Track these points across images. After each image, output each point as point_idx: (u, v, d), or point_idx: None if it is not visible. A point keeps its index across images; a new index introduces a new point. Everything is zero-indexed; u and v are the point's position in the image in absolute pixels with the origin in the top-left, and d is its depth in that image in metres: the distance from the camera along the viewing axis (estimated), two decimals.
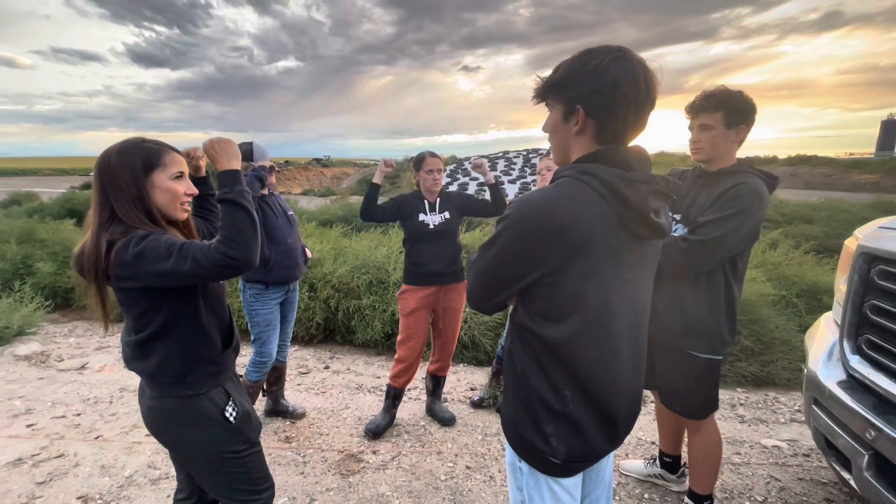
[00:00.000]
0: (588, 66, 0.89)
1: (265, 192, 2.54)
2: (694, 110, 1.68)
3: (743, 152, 1.73)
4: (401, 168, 32.80)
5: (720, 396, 3.17)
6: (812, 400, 1.81)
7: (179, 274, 1.07)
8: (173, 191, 1.21)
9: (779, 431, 2.79)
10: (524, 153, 37.96)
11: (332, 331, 4.28)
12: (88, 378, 3.42)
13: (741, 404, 3.14)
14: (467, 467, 2.37)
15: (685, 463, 2.18)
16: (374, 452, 2.49)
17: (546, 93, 0.98)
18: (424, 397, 3.13)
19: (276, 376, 2.81)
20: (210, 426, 1.25)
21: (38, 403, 3.01)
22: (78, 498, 2.11)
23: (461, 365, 3.82)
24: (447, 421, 2.78)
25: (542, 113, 1.03)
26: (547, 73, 0.98)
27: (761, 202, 1.59)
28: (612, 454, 1.12)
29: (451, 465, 2.39)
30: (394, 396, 2.72)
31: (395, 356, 2.65)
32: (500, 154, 38.61)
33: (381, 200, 2.59)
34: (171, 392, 1.22)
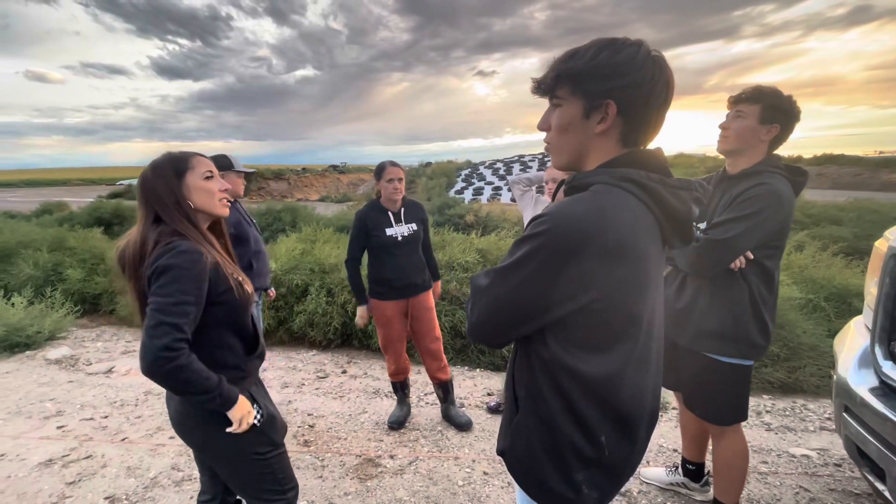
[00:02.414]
0: (620, 57, 0.78)
1: (241, 195, 2.70)
2: (736, 100, 1.64)
3: None
4: (415, 173, 33.05)
5: None
6: (842, 407, 1.75)
7: (158, 318, 1.12)
8: (208, 189, 1.29)
9: (808, 440, 2.69)
10: (539, 156, 37.79)
11: (350, 335, 4.32)
12: (115, 381, 3.53)
13: (767, 411, 3.04)
14: (485, 473, 2.36)
15: (709, 471, 2.13)
16: (392, 457, 2.50)
17: (561, 83, 0.83)
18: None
19: None
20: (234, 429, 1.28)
21: (68, 406, 3.11)
22: (105, 498, 2.17)
23: (478, 370, 3.81)
24: (464, 426, 2.77)
25: None
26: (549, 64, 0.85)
27: (780, 204, 1.53)
28: None
29: (468, 470, 2.38)
30: (401, 388, 2.88)
31: (385, 358, 2.81)
32: (516, 158, 38.54)
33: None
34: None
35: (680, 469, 2.19)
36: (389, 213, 2.58)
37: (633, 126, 0.82)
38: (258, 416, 1.31)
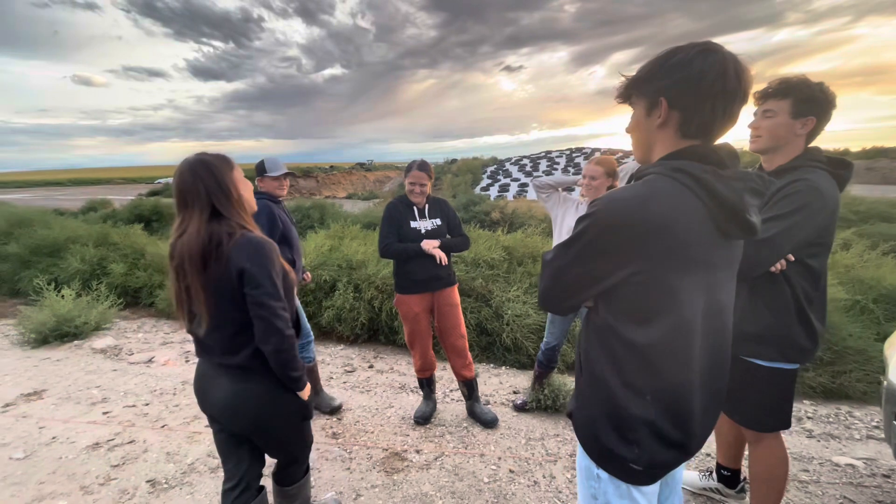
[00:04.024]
0: (673, 60, 0.90)
1: (282, 195, 2.79)
2: (762, 96, 1.57)
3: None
4: (440, 171, 33.12)
5: None
6: (893, 415, 1.65)
7: (276, 306, 1.35)
8: (247, 183, 1.45)
9: (853, 449, 2.56)
10: (567, 152, 37.20)
11: (376, 331, 4.37)
12: (155, 371, 3.69)
13: (809, 417, 2.91)
14: (511, 471, 2.35)
15: (745, 478, 2.05)
16: (418, 452, 2.52)
17: (630, 90, 0.98)
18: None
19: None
20: (289, 398, 1.49)
21: (112, 393, 3.28)
22: (147, 481, 2.28)
23: (503, 368, 3.80)
24: (490, 423, 2.77)
25: (590, 111, 1.03)
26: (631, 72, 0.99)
27: (822, 200, 1.45)
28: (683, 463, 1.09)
29: (494, 467, 2.38)
30: (427, 384, 2.90)
31: (411, 354, 2.83)
32: (543, 154, 38.03)
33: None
34: (258, 378, 1.43)
35: (714, 474, 2.12)
36: (414, 208, 2.63)
37: (689, 118, 0.90)
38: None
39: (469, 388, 2.85)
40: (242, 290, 1.33)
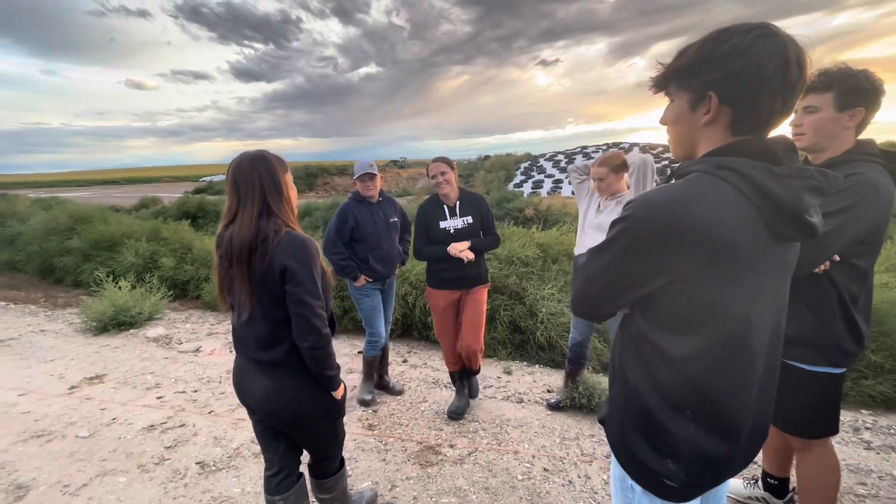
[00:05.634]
0: (724, 48, 0.78)
1: (373, 198, 2.86)
2: (803, 90, 1.49)
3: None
4: (473, 167, 33.04)
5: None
6: None
7: (315, 304, 1.40)
8: (294, 187, 1.51)
9: None
10: (604, 147, 36.24)
11: (410, 326, 4.43)
12: (202, 360, 3.90)
13: (867, 428, 2.73)
14: (545, 469, 2.33)
15: (794, 488, 1.95)
16: (452, 446, 2.54)
17: (669, 81, 0.88)
18: (499, 396, 3.13)
19: (381, 354, 3.19)
20: (324, 397, 1.52)
21: (165, 379, 3.49)
22: (197, 463, 2.42)
23: (537, 366, 3.76)
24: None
25: (629, 105, 0.98)
26: (668, 59, 0.90)
27: (877, 195, 1.36)
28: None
29: (527, 465, 2.37)
30: (459, 378, 2.92)
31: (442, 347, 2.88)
32: (578, 149, 37.24)
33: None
34: (293, 375, 1.45)
35: (760, 482, 2.03)
36: (445, 207, 2.63)
37: (743, 114, 0.81)
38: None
39: (467, 375, 2.88)
40: (283, 287, 1.35)
